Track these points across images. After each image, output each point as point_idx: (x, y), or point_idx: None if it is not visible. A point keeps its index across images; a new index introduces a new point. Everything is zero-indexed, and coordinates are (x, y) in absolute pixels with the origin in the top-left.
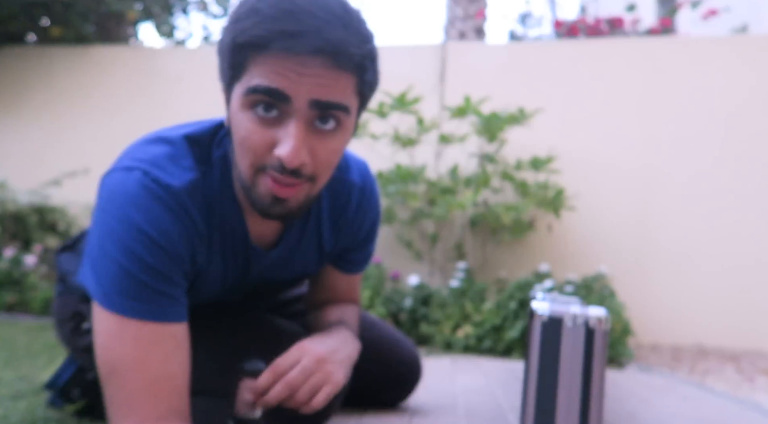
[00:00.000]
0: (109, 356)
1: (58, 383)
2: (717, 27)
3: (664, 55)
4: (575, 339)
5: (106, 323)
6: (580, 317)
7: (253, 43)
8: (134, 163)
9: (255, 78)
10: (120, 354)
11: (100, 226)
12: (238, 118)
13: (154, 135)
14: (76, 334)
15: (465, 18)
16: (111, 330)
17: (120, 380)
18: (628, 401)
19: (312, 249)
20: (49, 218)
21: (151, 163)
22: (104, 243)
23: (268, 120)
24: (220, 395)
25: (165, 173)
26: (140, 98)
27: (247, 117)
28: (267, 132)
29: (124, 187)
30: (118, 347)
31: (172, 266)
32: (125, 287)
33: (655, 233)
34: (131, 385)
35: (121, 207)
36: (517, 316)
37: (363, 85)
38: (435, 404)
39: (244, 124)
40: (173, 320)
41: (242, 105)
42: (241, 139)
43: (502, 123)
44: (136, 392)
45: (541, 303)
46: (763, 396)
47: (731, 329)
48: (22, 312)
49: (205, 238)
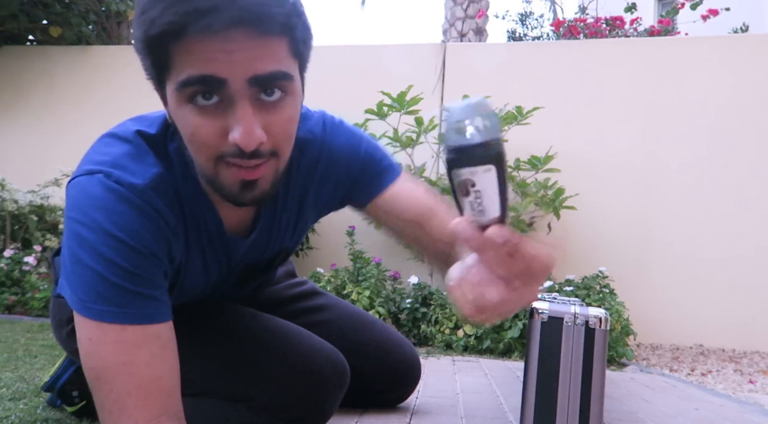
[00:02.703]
0: (94, 363)
1: (57, 385)
2: (717, 27)
3: (664, 55)
4: (575, 339)
5: (88, 331)
6: (580, 317)
7: (167, 32)
8: (95, 167)
9: (184, 70)
10: (104, 360)
11: (68, 234)
12: (180, 115)
13: (108, 134)
14: (73, 338)
15: (465, 18)
16: (92, 337)
17: (108, 386)
18: (628, 401)
19: (291, 223)
20: (49, 218)
21: (111, 165)
22: (75, 251)
23: (210, 109)
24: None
25: (127, 172)
26: (140, 98)
27: (189, 111)
28: (214, 121)
29: (88, 192)
30: (101, 353)
31: (147, 266)
32: (101, 293)
33: (655, 233)
34: (119, 389)
35: (87, 212)
36: (517, 316)
37: (296, 44)
38: (435, 404)
39: (188, 119)
40: (155, 320)
41: (179, 100)
42: (189, 135)
43: (501, 123)
44: (125, 396)
45: (541, 303)
46: (763, 396)
47: (731, 329)
48: (22, 312)
49: (179, 233)
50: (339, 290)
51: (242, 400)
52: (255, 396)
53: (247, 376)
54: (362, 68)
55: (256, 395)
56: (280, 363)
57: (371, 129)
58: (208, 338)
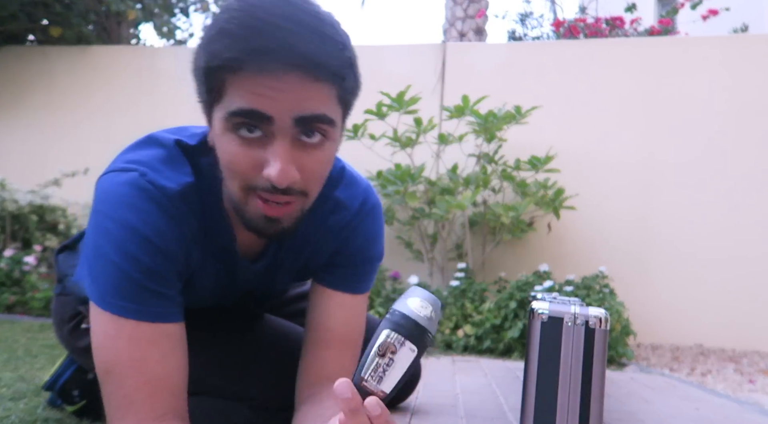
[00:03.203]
0: (107, 357)
1: (58, 384)
2: (717, 27)
3: (664, 55)
4: (575, 339)
5: (103, 324)
6: (580, 317)
7: (227, 66)
8: (130, 165)
9: (234, 101)
10: (117, 354)
11: (95, 227)
12: (222, 141)
13: (147, 138)
14: (75, 334)
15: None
16: (108, 331)
17: (117, 380)
18: (628, 401)
19: (290, 262)
20: (49, 217)
21: (146, 166)
22: (100, 244)
23: (252, 141)
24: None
25: (161, 176)
26: (140, 98)
27: (231, 139)
28: (253, 153)
29: (120, 189)
30: (114, 347)
31: (167, 266)
32: (121, 288)
33: (655, 233)
34: (128, 385)
35: (117, 208)
36: (517, 316)
37: (344, 93)
38: (435, 404)
39: (229, 147)
40: (169, 320)
41: (225, 128)
42: (227, 162)
43: (500, 122)
44: (134, 391)
45: (541, 303)
46: (763, 396)
47: (731, 329)
48: (22, 312)
49: (199, 240)
50: None
51: (243, 399)
52: (255, 396)
53: (248, 376)
54: (362, 68)
55: (256, 395)
56: (280, 364)
57: (370, 129)
58: (210, 337)
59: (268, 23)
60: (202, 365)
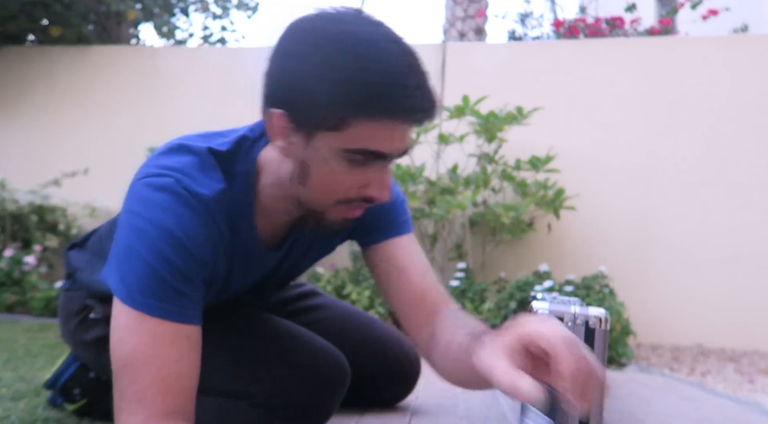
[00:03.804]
0: (125, 350)
1: (59, 382)
2: (717, 27)
3: (664, 55)
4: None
5: (126, 319)
6: (580, 317)
7: (370, 110)
8: (166, 171)
9: (358, 140)
10: (136, 349)
11: (130, 227)
12: (324, 164)
13: (178, 145)
14: (82, 327)
15: (465, 18)
16: (130, 325)
17: (132, 375)
18: (628, 401)
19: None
20: (49, 217)
21: (181, 172)
22: (133, 243)
23: (358, 166)
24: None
25: (195, 182)
26: (140, 98)
27: (339, 165)
28: (357, 176)
29: (157, 193)
30: (134, 342)
31: (196, 269)
32: (149, 286)
33: (655, 232)
34: (143, 380)
35: (153, 211)
36: (517, 316)
37: None
38: (435, 404)
39: (333, 170)
40: (190, 321)
41: (333, 156)
42: (327, 182)
43: (501, 122)
44: (147, 387)
45: (541, 303)
46: (763, 396)
47: (731, 329)
48: (22, 312)
49: (228, 246)
50: (339, 290)
51: (243, 397)
52: (256, 393)
53: (249, 373)
54: None
55: (257, 393)
56: (281, 362)
57: None
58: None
59: (406, 81)
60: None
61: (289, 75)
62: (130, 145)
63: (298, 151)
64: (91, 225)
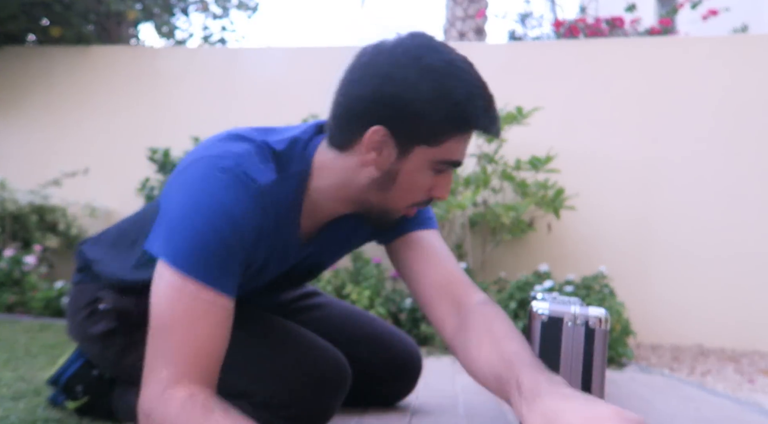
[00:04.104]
0: (164, 310)
1: (63, 379)
2: (717, 27)
3: (664, 55)
4: (575, 339)
5: (171, 279)
6: (580, 317)
7: (465, 127)
8: (228, 154)
9: (453, 153)
10: (175, 310)
11: (187, 199)
12: (416, 174)
13: (235, 134)
14: (90, 320)
15: (465, 18)
16: (173, 286)
17: (166, 334)
18: (628, 401)
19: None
20: (49, 217)
21: (241, 158)
22: (190, 213)
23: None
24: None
25: (252, 169)
26: (140, 98)
27: (428, 174)
28: (433, 181)
29: (218, 172)
30: (174, 303)
31: (242, 248)
32: (198, 254)
33: (655, 232)
34: (175, 340)
35: (215, 187)
36: (517, 316)
37: None
38: (435, 404)
39: (418, 179)
40: (228, 294)
41: (427, 167)
42: (410, 189)
43: (501, 122)
44: (178, 347)
45: (541, 303)
46: (763, 396)
47: (731, 329)
48: (22, 312)
49: (271, 233)
50: (339, 290)
51: (243, 395)
52: (256, 392)
53: (250, 372)
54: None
55: (257, 391)
56: (283, 361)
57: None
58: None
59: (490, 95)
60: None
61: (395, 98)
62: (130, 145)
63: (389, 162)
64: (91, 225)
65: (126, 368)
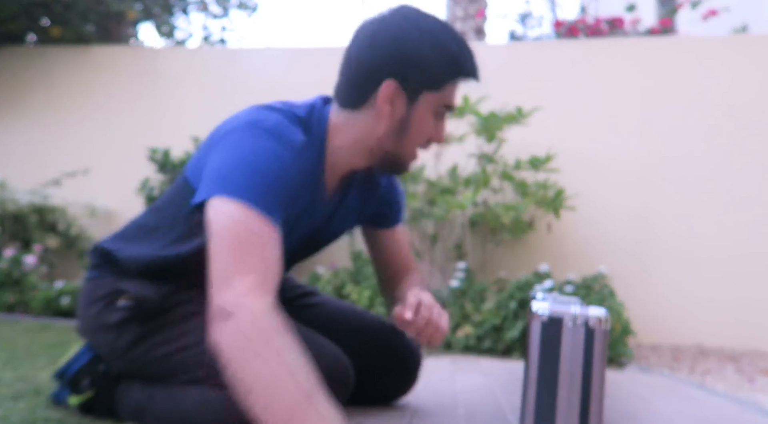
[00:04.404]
0: (229, 232)
1: (70, 371)
2: (717, 27)
3: (664, 55)
4: (575, 339)
5: (231, 210)
6: (580, 317)
7: (459, 73)
8: (264, 118)
9: (450, 97)
10: (241, 231)
11: (239, 150)
12: (423, 119)
13: (263, 105)
14: (107, 311)
15: (465, 18)
16: (234, 215)
17: (233, 247)
18: (628, 401)
19: (349, 209)
20: (49, 217)
21: (276, 121)
22: (247, 154)
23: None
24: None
25: (287, 131)
26: (140, 98)
27: (431, 117)
28: (435, 125)
29: (265, 131)
30: (238, 225)
31: (288, 189)
32: (257, 189)
33: (655, 233)
34: (257, 253)
35: (260, 139)
36: (517, 316)
37: None
38: (435, 404)
39: (429, 123)
40: (278, 226)
41: (432, 110)
42: (420, 132)
43: (501, 123)
44: (260, 260)
45: (541, 303)
46: (763, 396)
47: (731, 329)
48: (22, 312)
49: (304, 188)
50: (339, 290)
51: None
52: None
53: None
54: None
55: None
56: None
57: None
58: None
59: (472, 52)
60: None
61: (403, 55)
62: (130, 145)
63: (401, 111)
64: (91, 225)
65: (135, 358)
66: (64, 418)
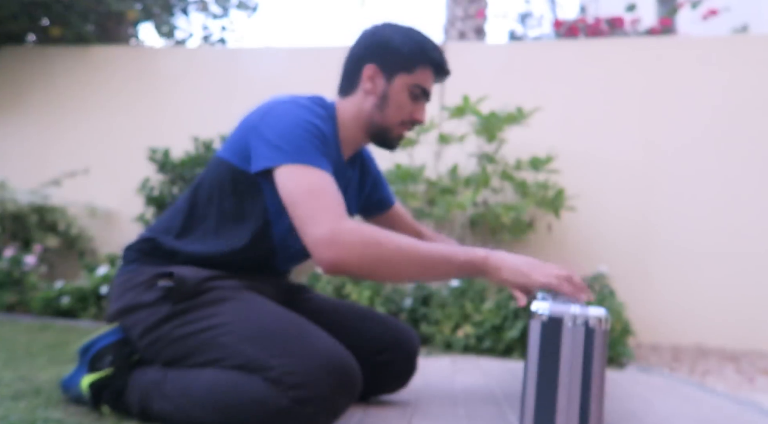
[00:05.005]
0: (303, 187)
1: (95, 347)
2: (717, 27)
3: (664, 55)
4: (575, 339)
5: (299, 173)
6: (580, 317)
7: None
8: (296, 99)
9: (422, 80)
10: (312, 184)
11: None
12: (400, 95)
13: (285, 97)
14: (146, 292)
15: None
16: (302, 173)
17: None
18: (628, 401)
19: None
20: (49, 218)
21: (307, 100)
22: (295, 129)
23: (415, 100)
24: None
25: (316, 107)
26: (140, 98)
27: (407, 97)
28: (412, 105)
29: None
30: (308, 181)
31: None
32: (313, 152)
33: (655, 232)
34: (324, 200)
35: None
36: (517, 316)
37: None
38: (435, 404)
39: (404, 100)
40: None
41: (405, 89)
42: (398, 108)
43: (501, 123)
44: (330, 202)
45: (541, 303)
46: (763, 396)
47: (731, 329)
48: (22, 312)
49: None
50: (339, 290)
51: (260, 370)
52: (275, 367)
53: (276, 345)
54: None
55: (276, 366)
56: (306, 345)
57: None
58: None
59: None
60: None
61: (380, 43)
62: (130, 145)
63: (381, 88)
64: (91, 225)
65: (161, 336)
66: (64, 418)
